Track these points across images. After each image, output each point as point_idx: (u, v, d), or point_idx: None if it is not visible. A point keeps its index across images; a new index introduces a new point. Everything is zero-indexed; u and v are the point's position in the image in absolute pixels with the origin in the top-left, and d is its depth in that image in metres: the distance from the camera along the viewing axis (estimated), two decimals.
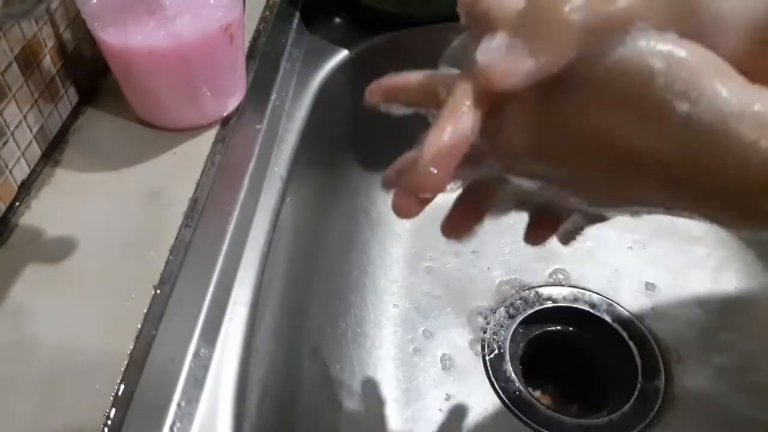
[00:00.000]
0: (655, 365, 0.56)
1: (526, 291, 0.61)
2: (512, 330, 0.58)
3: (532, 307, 0.60)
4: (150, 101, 0.47)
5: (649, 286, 0.61)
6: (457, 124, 0.23)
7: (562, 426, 0.52)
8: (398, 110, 0.30)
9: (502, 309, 0.60)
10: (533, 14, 0.21)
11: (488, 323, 0.59)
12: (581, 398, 0.57)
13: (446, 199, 0.73)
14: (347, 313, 0.57)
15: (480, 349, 0.57)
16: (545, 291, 0.61)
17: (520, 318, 0.59)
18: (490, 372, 0.55)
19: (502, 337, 0.57)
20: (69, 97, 0.48)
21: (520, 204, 0.32)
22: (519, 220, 0.72)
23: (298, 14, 0.61)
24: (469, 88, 0.23)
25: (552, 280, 0.62)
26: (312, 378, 0.50)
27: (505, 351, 0.57)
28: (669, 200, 0.21)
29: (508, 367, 0.56)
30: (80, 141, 0.47)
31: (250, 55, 0.54)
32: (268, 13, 0.60)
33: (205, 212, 0.42)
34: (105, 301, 0.37)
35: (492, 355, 0.56)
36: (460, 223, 0.31)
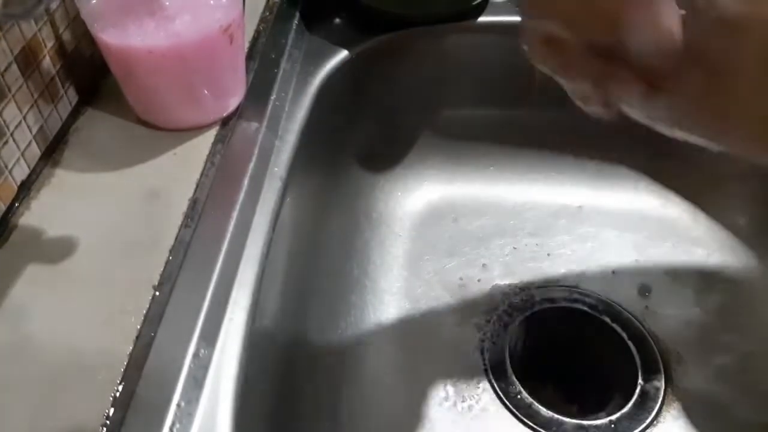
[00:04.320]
0: (654, 366, 0.56)
1: (526, 292, 0.61)
2: (512, 330, 0.58)
3: (531, 308, 0.60)
4: (150, 101, 0.47)
5: (649, 287, 0.61)
6: None
7: (562, 427, 0.52)
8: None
9: (501, 310, 0.60)
10: None
11: (488, 324, 0.59)
12: (581, 399, 0.57)
13: (446, 199, 0.72)
14: (347, 314, 0.57)
15: (480, 350, 0.57)
16: (545, 292, 0.61)
17: (519, 319, 0.59)
18: (490, 373, 0.55)
19: (501, 338, 0.57)
20: (69, 97, 0.48)
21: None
22: (519, 220, 0.72)
23: (298, 15, 0.61)
24: None
25: (552, 281, 0.62)
26: (312, 378, 0.50)
27: (504, 352, 0.57)
28: None
29: (508, 367, 0.55)
30: (80, 141, 0.47)
31: (250, 56, 0.54)
32: (267, 13, 0.60)
33: (204, 212, 0.42)
34: (105, 301, 0.37)
35: (492, 356, 0.56)
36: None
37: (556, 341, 0.60)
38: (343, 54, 0.59)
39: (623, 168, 0.69)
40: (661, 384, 0.54)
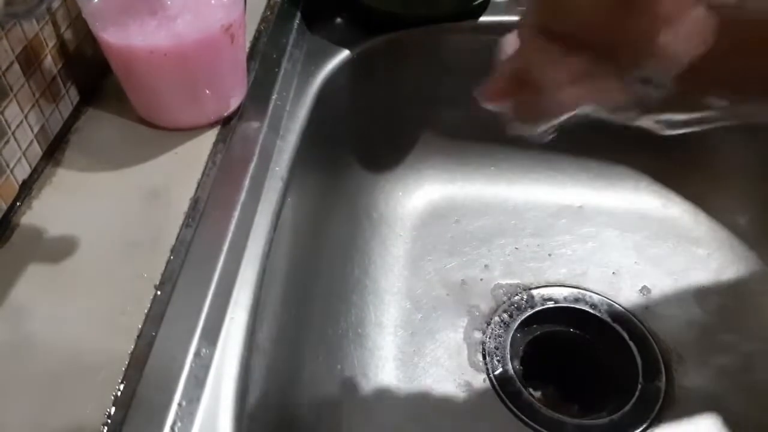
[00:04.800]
0: (655, 366, 0.56)
1: (527, 291, 0.61)
2: (513, 330, 0.58)
3: (532, 308, 0.60)
4: (151, 101, 0.47)
5: (650, 287, 0.61)
6: None
7: (563, 426, 0.52)
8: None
9: (502, 310, 0.60)
10: None
11: (489, 324, 0.59)
12: (582, 399, 0.57)
13: (447, 199, 0.72)
14: (348, 314, 0.57)
15: (480, 350, 0.57)
16: (546, 291, 0.61)
17: (520, 318, 0.59)
18: (491, 373, 0.55)
19: (502, 338, 0.57)
20: (70, 96, 0.48)
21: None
22: (520, 220, 0.72)
23: (299, 14, 0.62)
24: None
25: (553, 281, 0.62)
26: (313, 378, 0.50)
27: (505, 351, 0.57)
28: None
29: (509, 367, 0.56)
30: (81, 141, 0.47)
31: (251, 55, 0.54)
32: (269, 13, 0.60)
33: (206, 212, 0.42)
34: (106, 300, 0.37)
35: (492, 356, 0.56)
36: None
37: (557, 341, 0.60)
38: (344, 54, 0.59)
39: (624, 168, 0.69)
40: (662, 384, 0.54)
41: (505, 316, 0.59)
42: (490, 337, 0.57)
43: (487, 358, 0.56)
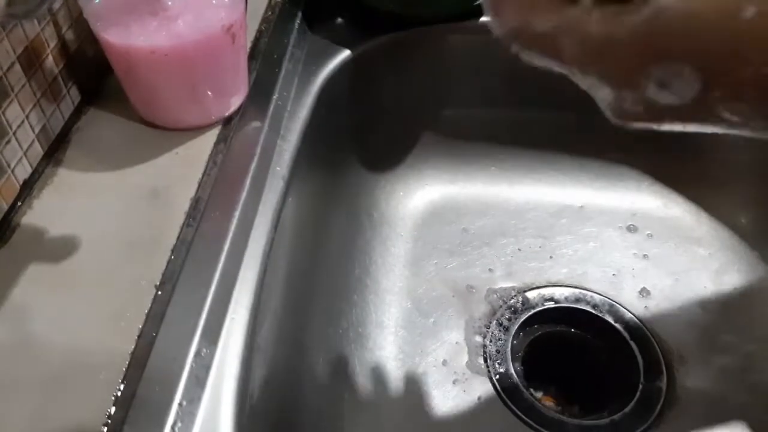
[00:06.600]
0: (656, 366, 0.55)
1: (528, 292, 0.61)
2: (514, 331, 0.58)
3: (533, 308, 0.60)
4: (152, 101, 0.47)
5: (651, 287, 0.61)
6: None
7: (564, 427, 0.52)
8: None
9: (503, 310, 0.60)
10: None
11: (490, 324, 0.59)
12: (583, 399, 0.57)
13: (448, 199, 0.72)
14: (349, 313, 0.57)
15: (482, 350, 0.57)
16: (547, 292, 0.61)
17: (521, 319, 0.59)
18: (492, 373, 0.55)
19: (503, 338, 0.57)
20: (71, 97, 0.48)
21: None
22: (521, 220, 0.72)
23: (300, 14, 0.62)
24: None
25: (554, 281, 0.62)
26: (314, 377, 0.50)
27: (506, 352, 0.57)
28: None
29: (510, 367, 0.55)
30: (82, 141, 0.47)
31: (252, 55, 0.54)
32: (270, 13, 0.60)
33: (206, 212, 0.42)
34: (107, 300, 0.37)
35: (494, 356, 0.56)
36: None
37: (558, 341, 0.60)
38: (345, 54, 0.59)
39: (625, 168, 0.69)
40: (663, 384, 0.54)
41: (506, 317, 0.59)
42: (491, 338, 0.57)
43: (489, 358, 0.56)
